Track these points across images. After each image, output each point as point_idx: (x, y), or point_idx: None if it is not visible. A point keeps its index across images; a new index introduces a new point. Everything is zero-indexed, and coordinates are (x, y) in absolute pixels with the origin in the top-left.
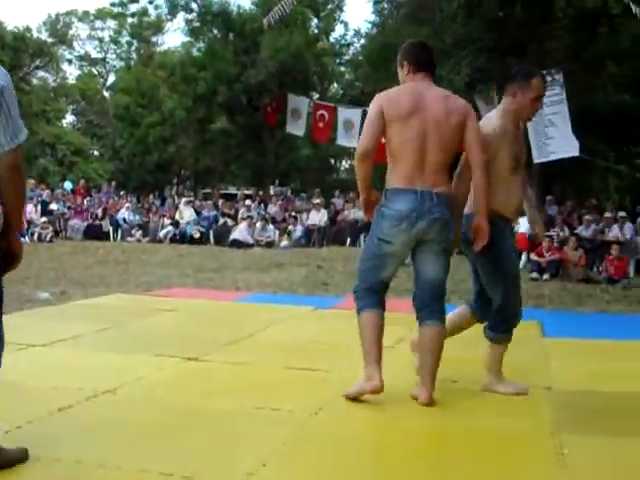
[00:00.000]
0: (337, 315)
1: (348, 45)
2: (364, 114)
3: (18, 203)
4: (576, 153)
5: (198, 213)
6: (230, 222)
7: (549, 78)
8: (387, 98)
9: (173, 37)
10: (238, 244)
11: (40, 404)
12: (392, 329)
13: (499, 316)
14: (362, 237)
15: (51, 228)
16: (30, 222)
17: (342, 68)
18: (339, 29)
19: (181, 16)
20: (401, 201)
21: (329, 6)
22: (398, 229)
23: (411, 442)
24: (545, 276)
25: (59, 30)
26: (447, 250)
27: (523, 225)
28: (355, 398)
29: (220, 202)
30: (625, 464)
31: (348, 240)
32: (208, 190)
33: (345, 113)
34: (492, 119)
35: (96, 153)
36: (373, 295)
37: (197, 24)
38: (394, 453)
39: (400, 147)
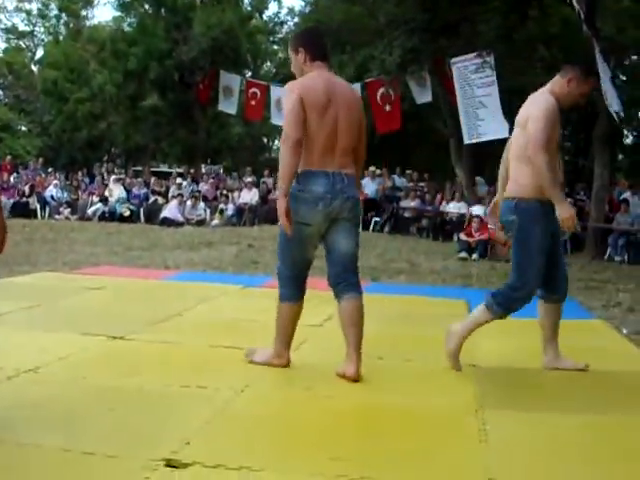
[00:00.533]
0: (266, 294)
1: (281, 23)
2: (363, 86)
3: None
4: (506, 135)
5: (128, 191)
6: (161, 200)
7: (480, 60)
8: (303, 86)
9: (103, 11)
10: (169, 222)
11: None
12: (321, 308)
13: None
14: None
15: None
16: None
17: (275, 47)
18: (272, 7)
19: None
20: (316, 184)
21: None
22: (315, 210)
23: (334, 420)
24: (474, 256)
25: None
26: (357, 226)
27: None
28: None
29: (152, 180)
30: (542, 437)
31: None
32: (139, 168)
33: (278, 92)
34: (548, 97)
35: (24, 129)
36: (297, 285)
37: None
38: (316, 431)
39: (315, 133)
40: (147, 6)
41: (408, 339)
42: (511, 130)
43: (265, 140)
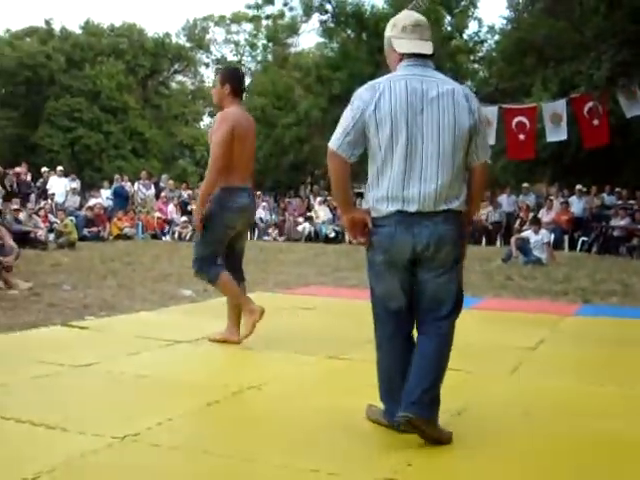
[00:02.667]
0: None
1: (482, 42)
2: (500, 111)
3: None
4: None
5: (333, 212)
6: None
7: None
8: (236, 119)
9: (307, 38)
10: None
11: (189, 398)
12: (533, 331)
13: None
14: (499, 237)
15: (190, 227)
16: (171, 221)
17: (476, 65)
18: (472, 26)
19: (315, 17)
20: (242, 196)
21: (462, 3)
22: (240, 216)
23: (552, 446)
24: None
25: (197, 35)
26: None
27: None
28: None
29: (357, 201)
30: None
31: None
32: None
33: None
34: None
35: None
36: (218, 263)
37: (331, 25)
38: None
39: (239, 156)
40: (349, 31)
41: (626, 363)
42: None
43: None
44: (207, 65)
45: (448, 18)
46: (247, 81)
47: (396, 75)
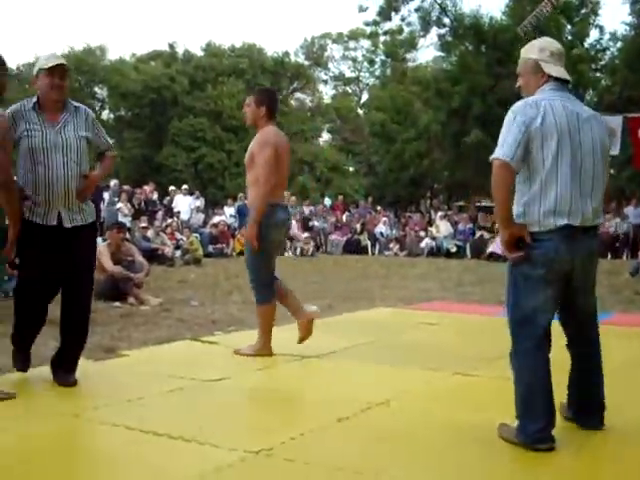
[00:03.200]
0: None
1: (604, 50)
2: (624, 120)
3: None
4: None
5: (454, 227)
6: (487, 235)
7: None
8: (277, 140)
9: (424, 53)
10: (496, 257)
11: (319, 413)
12: None
13: None
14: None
15: (312, 243)
16: (293, 238)
17: (597, 74)
18: (594, 34)
19: (433, 31)
20: (283, 212)
21: (583, 11)
22: (281, 232)
23: None
24: None
25: (315, 53)
26: None
27: None
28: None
29: (478, 215)
30: None
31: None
32: (462, 203)
33: (606, 121)
34: None
35: (351, 169)
36: (272, 288)
37: (449, 38)
38: None
39: (279, 175)
40: (467, 44)
41: None
42: None
43: None
44: (325, 82)
45: (568, 27)
46: (365, 96)
47: (548, 95)
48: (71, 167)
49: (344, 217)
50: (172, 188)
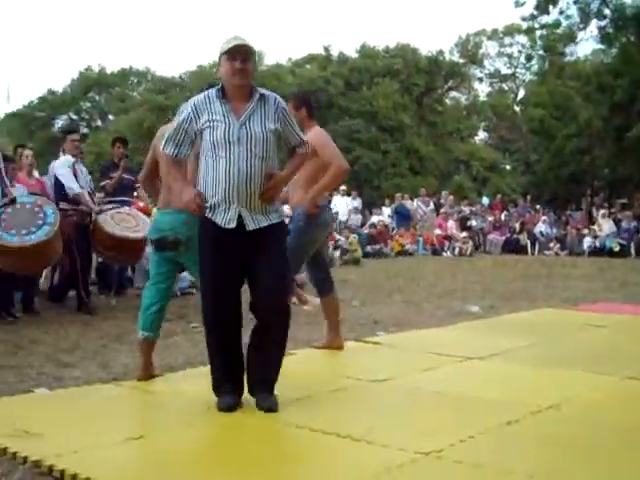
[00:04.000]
0: None
1: None
2: None
3: None
4: None
5: (617, 225)
6: None
7: None
8: (327, 136)
9: (583, 46)
10: None
11: (487, 416)
12: None
13: None
14: None
15: (471, 243)
16: (450, 237)
17: None
18: None
19: (593, 24)
20: (327, 213)
21: None
22: (324, 234)
23: None
24: None
25: (469, 50)
26: None
27: None
28: None
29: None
30: None
31: None
32: (624, 200)
33: None
34: None
35: (508, 167)
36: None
37: (610, 30)
38: None
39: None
40: (629, 36)
41: None
42: None
43: None
44: (480, 80)
45: None
46: (521, 93)
47: None
48: (255, 163)
49: (502, 216)
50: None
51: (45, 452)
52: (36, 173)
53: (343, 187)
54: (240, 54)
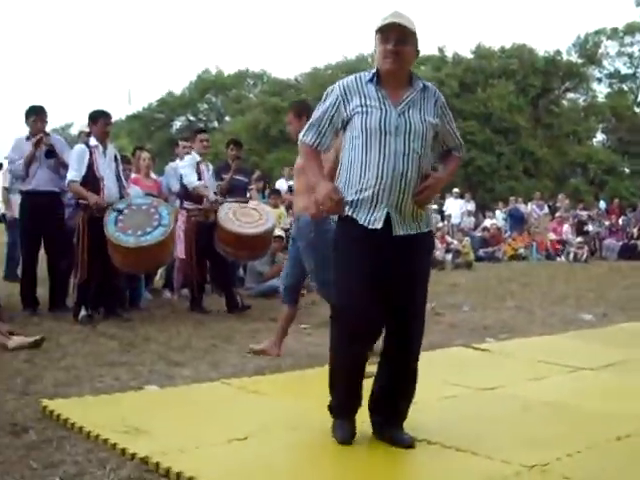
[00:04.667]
0: None
1: None
2: None
3: None
4: None
5: None
6: None
7: None
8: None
9: None
10: None
11: (597, 429)
12: None
13: None
14: None
15: (586, 248)
16: (566, 242)
17: None
18: None
19: None
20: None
21: None
22: None
23: None
24: None
25: (588, 50)
26: None
27: None
28: None
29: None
30: None
31: None
32: None
33: None
34: None
35: (627, 170)
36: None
37: None
38: None
39: None
40: None
41: None
42: None
43: None
44: (599, 80)
45: None
46: None
47: None
48: (412, 158)
49: (620, 221)
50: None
51: (152, 449)
52: (153, 174)
53: (456, 189)
54: (394, 33)
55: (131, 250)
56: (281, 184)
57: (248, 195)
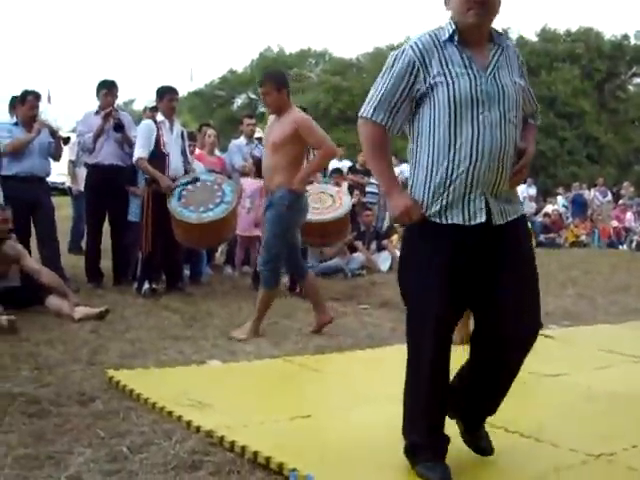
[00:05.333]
0: None
1: None
2: None
3: None
4: None
5: None
6: None
7: None
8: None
9: None
10: None
11: None
12: None
13: None
14: None
15: None
16: (629, 230)
17: None
18: None
19: None
20: (306, 197)
21: None
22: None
23: None
24: None
25: None
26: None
27: None
28: None
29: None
30: None
31: None
32: None
33: None
34: None
35: None
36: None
37: None
38: None
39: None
40: None
41: None
42: None
43: None
44: None
45: None
46: None
47: None
48: (509, 130)
49: None
50: None
51: (217, 423)
52: (217, 151)
53: None
54: None
55: (193, 226)
56: (335, 164)
57: None
